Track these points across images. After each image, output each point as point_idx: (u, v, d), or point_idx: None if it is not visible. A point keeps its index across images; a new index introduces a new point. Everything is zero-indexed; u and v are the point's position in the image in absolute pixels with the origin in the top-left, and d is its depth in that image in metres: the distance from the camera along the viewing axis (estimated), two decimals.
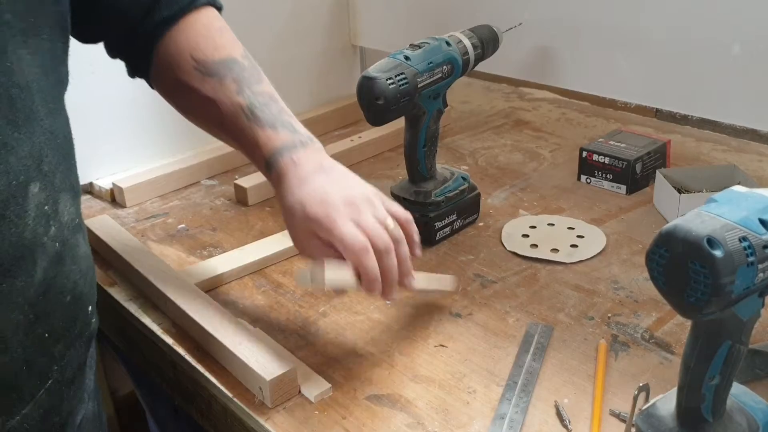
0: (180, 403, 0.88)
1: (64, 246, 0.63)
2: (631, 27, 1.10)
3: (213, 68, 0.79)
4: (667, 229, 0.52)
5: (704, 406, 0.58)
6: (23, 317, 0.59)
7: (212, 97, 0.79)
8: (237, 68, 0.80)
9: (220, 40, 0.82)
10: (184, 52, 0.80)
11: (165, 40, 0.81)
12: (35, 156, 0.60)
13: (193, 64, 0.79)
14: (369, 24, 1.48)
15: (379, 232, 0.73)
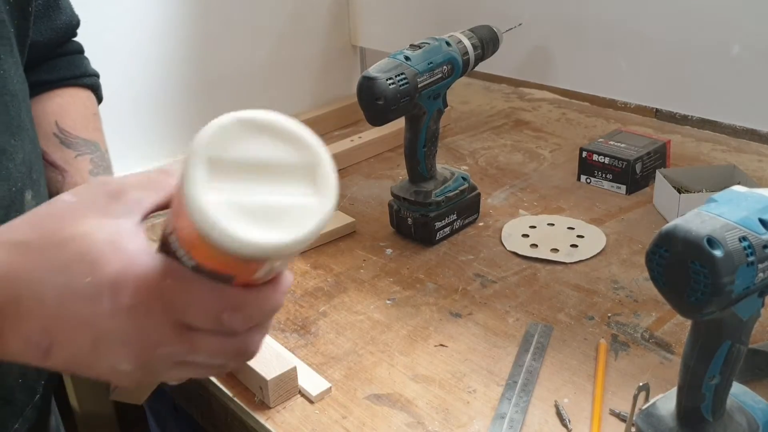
0: (180, 403, 0.89)
1: None
2: (631, 27, 1.10)
3: (74, 142, 0.76)
4: (667, 229, 0.52)
5: (704, 406, 0.58)
6: None
7: (61, 166, 0.74)
8: (98, 153, 0.78)
9: (93, 124, 0.80)
10: (49, 115, 0.76)
11: (35, 99, 0.77)
12: (27, 164, 0.61)
13: (55, 131, 0.76)
14: (369, 24, 1.48)
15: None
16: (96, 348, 0.41)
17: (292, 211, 0.36)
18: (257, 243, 0.35)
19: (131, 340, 0.40)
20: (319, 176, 0.38)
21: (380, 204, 1.12)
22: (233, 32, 1.32)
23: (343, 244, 1.03)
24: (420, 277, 0.94)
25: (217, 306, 0.40)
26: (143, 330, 0.40)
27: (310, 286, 0.94)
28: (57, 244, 0.40)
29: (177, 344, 0.41)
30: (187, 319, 0.40)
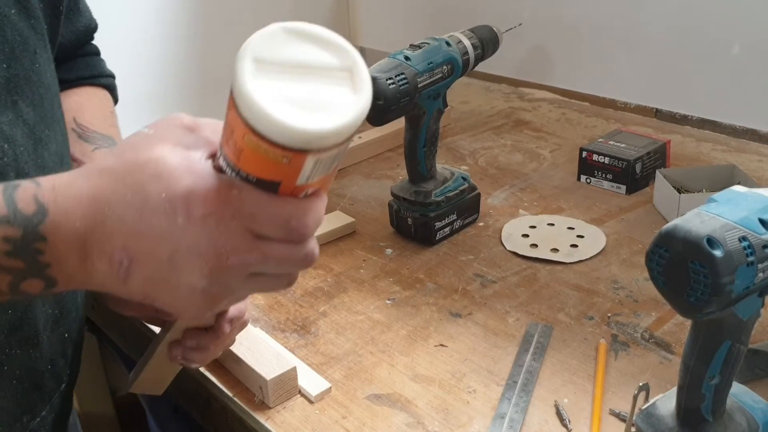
0: (180, 403, 0.89)
1: None
2: (631, 27, 1.10)
3: (92, 136, 0.78)
4: (667, 229, 0.52)
5: (704, 406, 0.58)
6: (51, 311, 0.63)
7: (79, 159, 0.76)
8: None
9: (110, 120, 0.83)
10: (68, 112, 0.78)
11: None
12: (59, 154, 0.64)
13: (73, 126, 0.78)
14: (369, 24, 1.48)
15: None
16: (172, 262, 0.43)
17: (333, 104, 0.40)
18: (301, 128, 0.38)
19: (205, 250, 0.43)
20: (356, 77, 0.41)
21: (380, 204, 1.12)
22: (233, 32, 1.31)
23: (343, 244, 1.03)
24: (420, 277, 0.94)
25: (285, 213, 0.43)
26: (216, 239, 0.42)
27: (310, 286, 0.94)
28: (135, 167, 0.44)
29: (248, 252, 0.43)
30: (257, 226, 0.43)
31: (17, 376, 0.61)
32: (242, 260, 0.43)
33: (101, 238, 0.44)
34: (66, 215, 0.44)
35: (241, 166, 0.42)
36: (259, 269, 0.45)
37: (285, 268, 0.46)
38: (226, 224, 0.42)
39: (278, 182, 0.42)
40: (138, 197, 0.43)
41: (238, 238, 0.43)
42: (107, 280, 0.45)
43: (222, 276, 0.44)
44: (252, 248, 0.43)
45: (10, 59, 0.58)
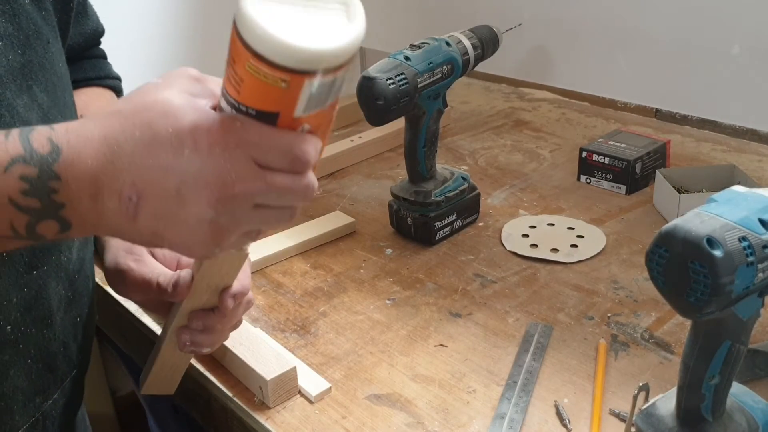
0: (180, 403, 0.88)
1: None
2: (631, 27, 1.10)
3: None
4: (666, 229, 0.52)
5: (704, 406, 0.58)
6: (64, 292, 0.64)
7: None
8: None
9: None
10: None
11: None
12: None
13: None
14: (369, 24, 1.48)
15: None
16: (180, 195, 0.45)
17: (329, 29, 0.43)
18: (299, 46, 0.41)
19: (211, 178, 0.45)
20: (351, 9, 0.44)
21: (380, 204, 1.12)
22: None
23: (343, 244, 1.03)
24: (420, 277, 0.94)
25: (286, 141, 0.45)
26: (221, 167, 0.44)
27: (310, 286, 0.94)
28: (143, 107, 0.46)
29: (253, 180, 0.45)
30: (260, 155, 0.45)
31: (32, 356, 0.62)
32: (247, 189, 0.45)
33: (111, 176, 0.45)
34: (78, 154, 0.45)
35: (242, 99, 0.44)
36: (263, 200, 0.46)
37: (287, 200, 0.48)
38: (231, 152, 0.44)
39: (277, 113, 0.44)
40: (146, 134, 0.45)
41: (243, 166, 0.45)
42: (117, 219, 0.47)
43: (228, 205, 0.45)
44: (256, 177, 0.45)
45: (25, 46, 0.59)
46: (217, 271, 0.61)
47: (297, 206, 0.49)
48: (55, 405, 0.66)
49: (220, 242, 0.48)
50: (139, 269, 0.67)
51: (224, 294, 0.62)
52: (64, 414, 0.68)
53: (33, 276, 0.60)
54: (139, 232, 0.47)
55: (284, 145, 0.45)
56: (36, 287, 0.61)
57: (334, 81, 0.44)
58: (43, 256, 0.61)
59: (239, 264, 0.61)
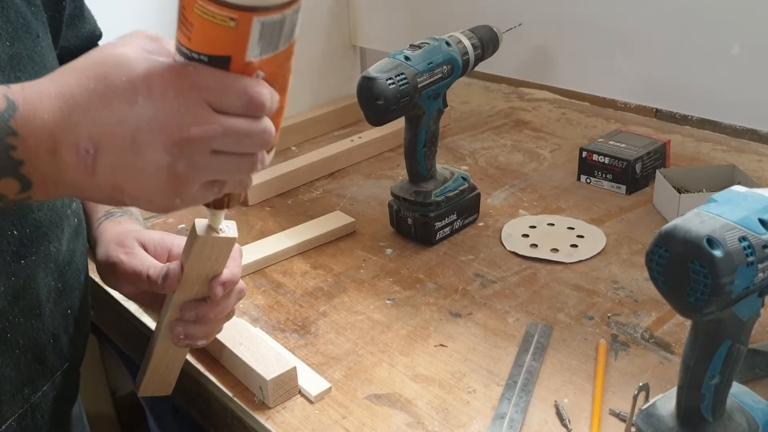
0: (180, 403, 0.88)
1: (79, 224, 0.70)
2: (631, 27, 1.10)
3: None
4: (666, 229, 0.52)
5: (704, 406, 0.58)
6: (54, 283, 0.65)
7: None
8: None
9: None
10: None
11: None
12: None
13: None
14: (369, 24, 1.48)
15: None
16: (135, 143, 0.45)
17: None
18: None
19: (166, 122, 0.45)
20: None
21: (380, 204, 1.12)
22: None
23: (343, 244, 1.03)
24: (420, 277, 0.94)
25: (240, 84, 0.45)
26: (176, 110, 0.45)
27: (310, 286, 0.94)
28: (99, 62, 0.47)
29: (209, 124, 0.45)
30: (215, 97, 0.45)
31: (20, 346, 0.62)
32: (203, 132, 0.45)
33: (68, 130, 0.45)
34: (34, 110, 0.46)
35: (193, 46, 0.45)
36: (220, 145, 0.46)
37: (245, 145, 0.47)
38: (185, 96, 0.45)
39: (228, 57, 0.45)
40: (100, 85, 0.45)
41: (198, 109, 0.45)
42: (77, 174, 0.47)
43: (184, 149, 0.45)
44: (212, 120, 0.45)
45: (13, 38, 0.60)
46: (206, 258, 0.60)
47: (256, 154, 0.49)
48: (45, 397, 0.66)
49: (180, 191, 0.47)
50: (130, 261, 0.67)
51: (213, 282, 0.62)
52: (55, 407, 0.68)
53: (21, 265, 0.61)
54: (99, 186, 0.47)
55: (238, 87, 0.45)
56: (24, 276, 0.61)
57: (283, 20, 0.44)
58: (32, 246, 0.61)
59: (227, 250, 0.61)
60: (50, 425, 0.68)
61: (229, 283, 0.63)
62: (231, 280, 0.64)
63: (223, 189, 0.50)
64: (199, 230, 0.59)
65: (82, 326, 0.72)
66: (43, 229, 0.63)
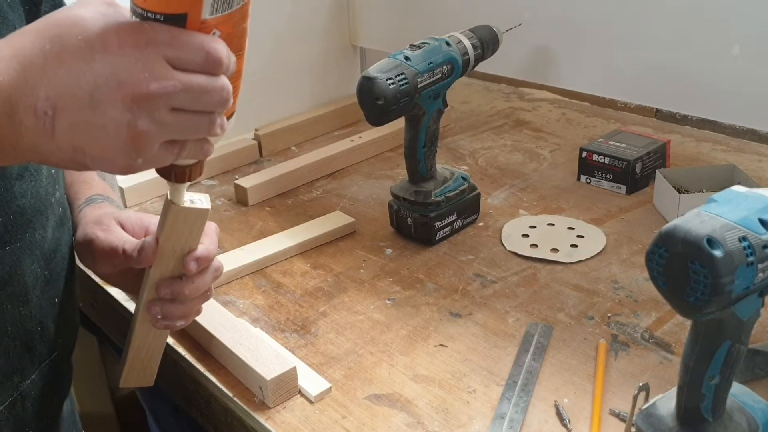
0: (180, 403, 0.89)
1: (64, 213, 0.70)
2: (631, 27, 1.10)
3: None
4: (666, 229, 0.52)
5: (704, 406, 0.58)
6: (40, 271, 0.65)
7: None
8: None
9: None
10: None
11: None
12: None
13: None
14: (369, 24, 1.48)
15: None
16: (94, 100, 0.45)
17: None
18: None
19: (124, 77, 0.44)
20: None
21: (380, 204, 1.12)
22: None
23: (343, 244, 1.03)
24: (420, 277, 0.94)
25: (197, 40, 0.46)
26: (134, 65, 0.44)
27: (310, 286, 0.94)
28: (54, 23, 0.46)
29: (166, 79, 0.45)
30: (172, 53, 0.45)
31: (8, 333, 0.63)
32: (162, 87, 0.45)
33: (24, 92, 0.45)
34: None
35: (149, 6, 0.45)
36: (179, 102, 0.46)
37: (204, 102, 0.47)
38: (142, 50, 0.45)
39: (184, 14, 0.45)
40: (56, 45, 0.45)
41: (155, 64, 0.45)
42: (36, 137, 0.46)
43: (144, 105, 0.45)
44: (170, 75, 0.45)
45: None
46: (180, 231, 0.61)
47: (215, 114, 0.49)
48: (33, 386, 0.66)
49: (141, 149, 0.47)
50: (106, 237, 0.68)
51: (187, 257, 0.63)
52: (43, 397, 0.68)
53: (6, 251, 0.61)
54: (60, 148, 0.47)
55: (195, 43, 0.46)
56: (10, 263, 0.61)
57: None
58: (16, 232, 0.62)
59: (200, 222, 0.61)
60: (40, 416, 0.68)
61: (203, 259, 0.64)
62: (205, 257, 0.64)
63: (183, 151, 0.50)
64: (173, 201, 0.59)
65: (69, 316, 0.72)
66: (28, 216, 0.63)
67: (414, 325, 0.85)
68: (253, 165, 1.29)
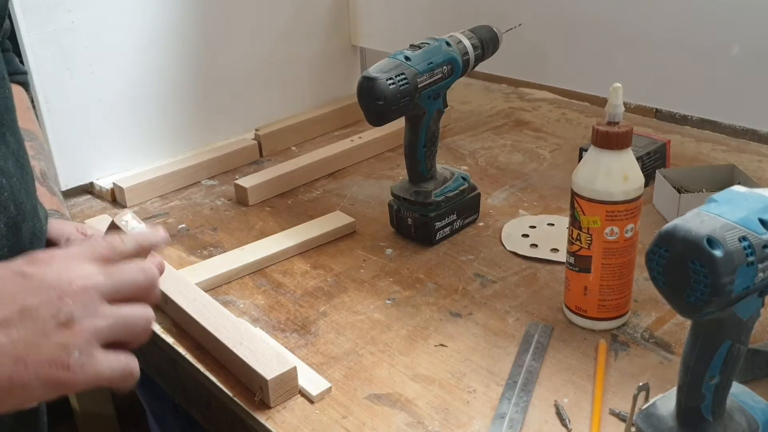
0: (180, 403, 0.89)
1: (18, 214, 0.68)
2: (630, 27, 1.10)
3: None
4: (666, 229, 0.52)
5: (704, 406, 0.58)
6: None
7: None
8: (37, 142, 0.84)
9: (28, 116, 0.86)
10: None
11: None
12: (30, 174, 0.68)
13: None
14: (369, 24, 1.48)
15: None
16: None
17: None
18: None
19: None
20: None
21: (380, 204, 1.12)
22: (233, 32, 1.32)
23: (343, 244, 1.03)
24: (420, 277, 0.94)
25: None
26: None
27: (310, 286, 0.94)
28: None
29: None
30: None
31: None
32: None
33: None
34: None
35: None
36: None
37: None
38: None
39: None
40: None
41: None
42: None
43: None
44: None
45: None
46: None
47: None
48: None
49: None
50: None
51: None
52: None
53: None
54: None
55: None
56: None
57: None
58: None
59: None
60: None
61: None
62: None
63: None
64: (116, 219, 0.60)
65: None
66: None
67: (414, 325, 0.85)
68: (253, 165, 1.29)
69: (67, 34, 1.11)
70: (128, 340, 0.51)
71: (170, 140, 1.28)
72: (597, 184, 0.77)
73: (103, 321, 0.49)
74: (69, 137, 1.15)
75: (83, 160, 1.19)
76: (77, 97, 1.15)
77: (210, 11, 1.27)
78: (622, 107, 0.77)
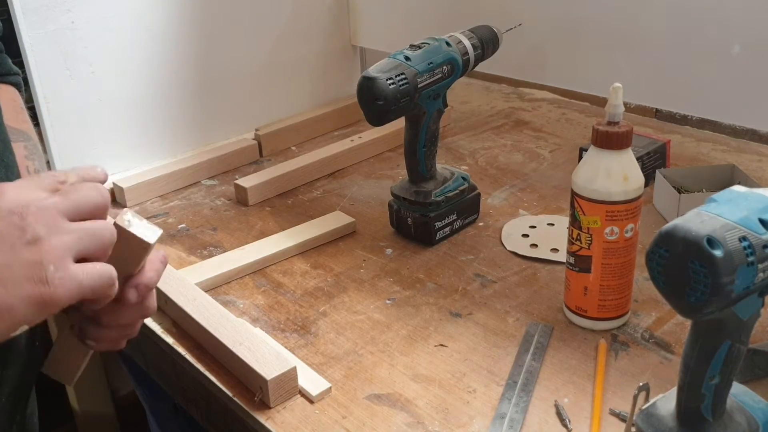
0: (180, 403, 0.89)
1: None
2: (631, 27, 1.10)
3: (9, 131, 0.80)
4: (667, 229, 0.52)
5: (704, 406, 0.58)
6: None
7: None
8: (31, 142, 0.83)
9: (22, 116, 0.86)
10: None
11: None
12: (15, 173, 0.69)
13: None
14: (369, 24, 1.48)
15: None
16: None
17: None
18: None
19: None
20: None
21: (380, 204, 1.12)
22: (233, 32, 1.32)
23: (343, 244, 1.03)
24: (420, 277, 0.94)
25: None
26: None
27: (310, 286, 0.94)
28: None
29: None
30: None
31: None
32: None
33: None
34: None
35: None
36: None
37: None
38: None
39: None
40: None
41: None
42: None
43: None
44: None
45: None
46: (119, 256, 0.58)
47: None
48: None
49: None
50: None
51: (127, 285, 0.60)
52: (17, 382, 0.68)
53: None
54: None
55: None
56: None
57: None
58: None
59: (139, 251, 0.59)
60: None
61: (142, 286, 0.61)
62: (146, 285, 0.61)
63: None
64: (117, 219, 0.58)
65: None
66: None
67: (414, 325, 0.85)
68: (253, 165, 1.29)
69: (67, 34, 1.11)
70: (97, 252, 0.51)
71: (170, 140, 1.28)
72: (597, 184, 0.77)
73: (70, 235, 0.50)
74: (69, 137, 1.15)
75: (83, 160, 1.19)
76: (77, 97, 1.15)
77: (210, 11, 1.27)
78: (622, 107, 0.77)
